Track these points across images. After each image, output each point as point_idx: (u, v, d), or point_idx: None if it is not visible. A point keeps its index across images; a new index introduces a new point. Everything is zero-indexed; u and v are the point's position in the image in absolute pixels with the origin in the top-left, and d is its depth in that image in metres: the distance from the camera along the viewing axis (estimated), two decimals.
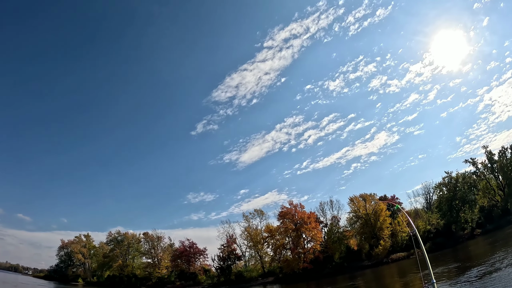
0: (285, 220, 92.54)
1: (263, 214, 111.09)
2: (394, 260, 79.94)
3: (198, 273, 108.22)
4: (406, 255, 79.81)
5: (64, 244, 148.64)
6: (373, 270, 75.89)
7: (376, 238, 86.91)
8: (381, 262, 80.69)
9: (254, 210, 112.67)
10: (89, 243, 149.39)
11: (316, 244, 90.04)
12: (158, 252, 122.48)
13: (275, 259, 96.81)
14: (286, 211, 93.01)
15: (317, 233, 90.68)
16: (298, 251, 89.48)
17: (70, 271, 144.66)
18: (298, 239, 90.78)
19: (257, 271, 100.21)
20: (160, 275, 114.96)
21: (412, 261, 72.54)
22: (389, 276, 59.74)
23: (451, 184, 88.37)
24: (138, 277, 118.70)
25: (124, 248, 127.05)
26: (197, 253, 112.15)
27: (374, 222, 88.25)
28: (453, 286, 30.39)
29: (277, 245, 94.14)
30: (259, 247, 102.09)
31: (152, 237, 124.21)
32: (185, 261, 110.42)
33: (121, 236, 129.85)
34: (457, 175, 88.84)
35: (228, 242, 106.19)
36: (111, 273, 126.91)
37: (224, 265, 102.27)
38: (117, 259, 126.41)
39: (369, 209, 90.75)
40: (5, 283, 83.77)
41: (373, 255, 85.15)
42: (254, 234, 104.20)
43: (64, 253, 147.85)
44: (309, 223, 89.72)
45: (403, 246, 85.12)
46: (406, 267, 64.96)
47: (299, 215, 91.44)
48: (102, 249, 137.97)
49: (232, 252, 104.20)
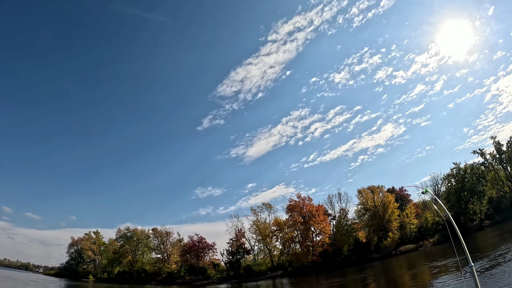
0: (293, 213, 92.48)
1: (271, 207, 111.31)
2: (402, 252, 79.54)
3: (208, 268, 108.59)
4: (415, 247, 79.58)
5: (74, 241, 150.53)
6: (382, 262, 75.59)
7: (385, 230, 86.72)
8: (389, 254, 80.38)
9: (262, 204, 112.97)
10: (99, 240, 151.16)
11: (324, 237, 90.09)
12: (167, 248, 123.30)
13: (284, 253, 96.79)
14: (294, 204, 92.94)
15: (326, 225, 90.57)
16: (307, 244, 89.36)
17: (80, 268, 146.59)
18: (306, 232, 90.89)
19: (266, 265, 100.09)
20: (169, 270, 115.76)
21: (421, 253, 72.75)
22: (398, 268, 59.73)
23: (460, 175, 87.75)
24: (148, 272, 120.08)
25: (133, 244, 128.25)
26: (206, 247, 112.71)
27: (382, 214, 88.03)
28: (461, 277, 30.42)
29: (286, 239, 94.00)
30: (268, 240, 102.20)
31: (161, 233, 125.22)
32: (194, 256, 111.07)
33: (130, 232, 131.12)
34: (466, 166, 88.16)
35: (236, 236, 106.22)
36: (121, 269, 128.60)
37: (233, 259, 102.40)
38: (127, 255, 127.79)
39: (377, 201, 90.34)
40: (16, 281, 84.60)
41: (381, 247, 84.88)
42: (262, 227, 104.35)
43: (74, 250, 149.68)
44: (318, 216, 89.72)
45: (411, 238, 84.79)
46: (415, 259, 64.85)
47: (308, 208, 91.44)
48: (112, 245, 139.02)
49: (241, 246, 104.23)
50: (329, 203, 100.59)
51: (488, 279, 26.59)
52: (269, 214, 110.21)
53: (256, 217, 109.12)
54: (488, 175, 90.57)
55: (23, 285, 73.81)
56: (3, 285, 65.58)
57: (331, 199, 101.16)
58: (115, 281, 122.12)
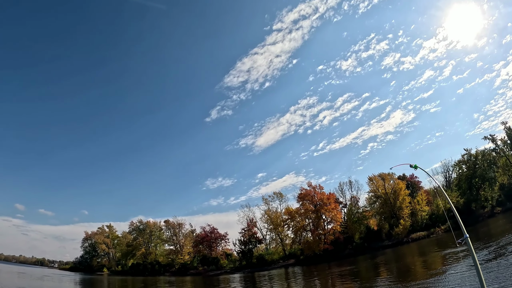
0: (304, 202, 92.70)
1: (282, 196, 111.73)
2: (414, 239, 79.55)
3: (220, 258, 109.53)
4: (426, 234, 79.63)
5: (87, 236, 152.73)
6: (393, 249, 75.46)
7: (396, 217, 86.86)
8: (401, 242, 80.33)
9: (273, 193, 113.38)
10: (112, 233, 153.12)
11: (336, 225, 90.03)
12: (180, 239, 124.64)
13: (296, 241, 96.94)
14: (305, 193, 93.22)
15: (337, 213, 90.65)
16: (318, 232, 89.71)
17: (95, 261, 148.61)
18: (318, 220, 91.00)
19: (278, 254, 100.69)
20: (182, 261, 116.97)
21: (433, 240, 72.81)
22: (409, 255, 59.90)
23: (471, 161, 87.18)
24: (161, 264, 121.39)
25: (146, 236, 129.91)
26: (218, 238, 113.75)
27: (393, 202, 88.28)
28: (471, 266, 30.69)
29: (298, 227, 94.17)
30: (280, 229, 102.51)
31: (173, 224, 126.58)
32: (207, 246, 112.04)
33: (143, 224, 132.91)
34: (477, 152, 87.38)
35: (248, 226, 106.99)
36: (135, 261, 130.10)
37: (246, 249, 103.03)
38: (140, 247, 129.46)
39: (388, 189, 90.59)
40: (31, 277, 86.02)
41: (393, 234, 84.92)
42: (274, 217, 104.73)
43: (88, 244, 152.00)
44: (329, 204, 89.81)
45: (423, 226, 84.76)
46: (426, 246, 64.73)
47: (319, 196, 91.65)
48: (125, 238, 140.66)
49: (253, 235, 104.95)
50: (340, 191, 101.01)
51: (497, 267, 26.62)
52: (280, 203, 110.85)
53: (267, 206, 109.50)
54: (499, 161, 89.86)
55: (38, 280, 74.86)
56: (19, 281, 66.56)
57: (342, 187, 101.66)
58: (129, 273, 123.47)
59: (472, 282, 24.29)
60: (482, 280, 7.81)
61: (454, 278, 27.31)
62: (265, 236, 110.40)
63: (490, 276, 24.25)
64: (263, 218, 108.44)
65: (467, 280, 25.21)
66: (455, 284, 25.04)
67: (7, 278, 73.80)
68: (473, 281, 24.48)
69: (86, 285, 75.64)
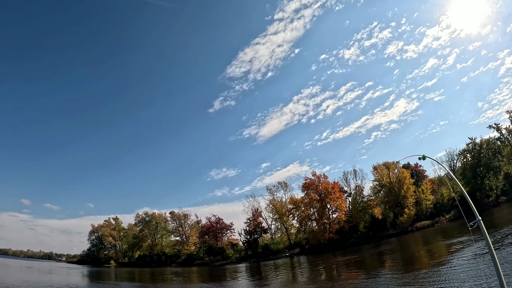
0: (309, 191, 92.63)
1: (287, 186, 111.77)
2: (418, 228, 79.68)
3: (226, 248, 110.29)
4: (431, 224, 79.66)
5: (94, 229, 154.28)
6: (398, 238, 75.72)
7: (401, 206, 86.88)
8: (405, 231, 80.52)
9: (278, 183, 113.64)
10: (118, 226, 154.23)
11: (341, 214, 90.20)
12: (186, 230, 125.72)
13: (301, 231, 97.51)
14: (310, 182, 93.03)
15: (342, 203, 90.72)
16: (323, 221, 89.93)
17: (102, 254, 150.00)
18: (323, 209, 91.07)
19: (283, 243, 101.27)
20: (188, 251, 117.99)
21: (437, 229, 72.86)
22: (414, 244, 60.13)
23: (475, 150, 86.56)
24: (168, 255, 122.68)
25: (152, 228, 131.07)
26: (224, 228, 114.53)
27: (398, 191, 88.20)
28: (479, 256, 30.85)
29: (302, 217, 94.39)
30: (285, 219, 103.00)
31: (178, 216, 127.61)
32: (213, 237, 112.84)
33: (148, 216, 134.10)
34: (481, 141, 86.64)
35: (253, 216, 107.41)
36: (141, 252, 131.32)
37: (251, 238, 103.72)
38: (146, 239, 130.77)
39: (392, 178, 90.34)
40: (39, 271, 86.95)
41: (397, 223, 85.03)
42: (279, 206, 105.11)
43: (95, 237, 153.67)
44: (333, 193, 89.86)
45: (427, 215, 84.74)
46: (431, 235, 64.84)
47: (323, 186, 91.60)
48: (131, 230, 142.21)
49: (258, 225, 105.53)
50: (345, 180, 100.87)
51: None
52: (285, 192, 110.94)
53: (272, 196, 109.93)
54: (504, 150, 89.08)
55: (46, 274, 75.56)
56: (27, 275, 67.34)
57: (346, 176, 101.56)
58: (136, 265, 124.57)
59: (476, 270, 24.40)
60: (497, 262, 7.98)
61: (458, 267, 27.44)
62: (270, 226, 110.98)
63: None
64: (268, 207, 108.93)
65: (472, 269, 25.32)
66: (460, 273, 25.16)
67: (16, 272, 74.73)
68: (478, 269, 24.64)
69: (94, 277, 76.31)
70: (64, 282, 56.20)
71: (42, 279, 59.47)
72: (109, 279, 74.30)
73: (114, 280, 69.55)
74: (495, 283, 18.92)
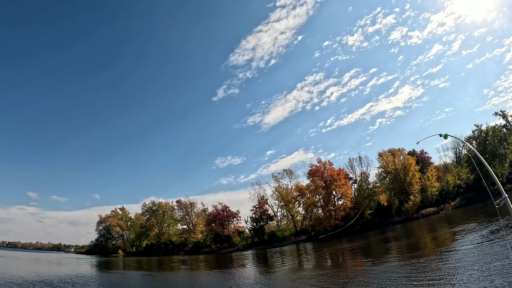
0: (314, 178, 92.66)
1: (292, 173, 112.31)
2: (424, 215, 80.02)
3: (232, 235, 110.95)
4: (436, 211, 79.92)
5: (101, 219, 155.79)
6: (403, 225, 75.95)
7: (406, 193, 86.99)
8: (411, 218, 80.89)
9: (283, 170, 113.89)
10: (125, 215, 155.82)
11: (346, 201, 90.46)
12: (192, 218, 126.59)
13: (307, 218, 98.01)
14: (315, 169, 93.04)
15: (347, 189, 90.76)
16: (329, 208, 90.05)
17: (110, 244, 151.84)
18: (328, 196, 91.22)
19: (289, 230, 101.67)
20: (195, 239, 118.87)
21: (442, 216, 73.01)
22: (419, 231, 60.34)
23: (481, 137, 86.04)
24: (175, 243, 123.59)
25: (159, 217, 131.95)
26: (230, 216, 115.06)
27: (403, 177, 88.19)
28: (486, 244, 30.83)
29: (308, 204, 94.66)
30: (290, 206, 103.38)
31: (185, 204, 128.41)
32: (219, 225, 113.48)
33: (155, 205, 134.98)
34: (487, 128, 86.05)
35: (259, 203, 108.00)
36: (148, 242, 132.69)
37: (257, 226, 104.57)
38: (154, 228, 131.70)
39: (398, 164, 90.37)
40: (48, 262, 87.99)
41: (403, 210, 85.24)
42: (284, 193, 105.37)
43: (102, 228, 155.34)
44: (339, 180, 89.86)
45: (432, 202, 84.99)
46: (436, 222, 64.89)
47: (329, 173, 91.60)
48: (138, 219, 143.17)
49: (264, 213, 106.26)
50: (350, 167, 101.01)
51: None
52: (290, 180, 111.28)
53: (277, 183, 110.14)
54: (510, 138, 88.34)
55: (56, 265, 76.37)
56: (36, 267, 68.06)
57: (352, 163, 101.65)
58: (144, 254, 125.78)
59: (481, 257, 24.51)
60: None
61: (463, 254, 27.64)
62: (276, 213, 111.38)
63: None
64: (273, 195, 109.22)
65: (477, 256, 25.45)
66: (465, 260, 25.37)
67: (25, 265, 75.67)
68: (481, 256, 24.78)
69: (102, 267, 77.28)
70: (73, 272, 57.09)
71: (51, 270, 60.28)
72: (117, 268, 75.25)
73: (122, 269, 70.46)
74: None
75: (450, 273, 22.12)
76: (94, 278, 46.65)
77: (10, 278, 40.75)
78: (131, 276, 53.98)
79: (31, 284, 37.26)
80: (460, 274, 21.15)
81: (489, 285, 17.62)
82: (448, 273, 22.22)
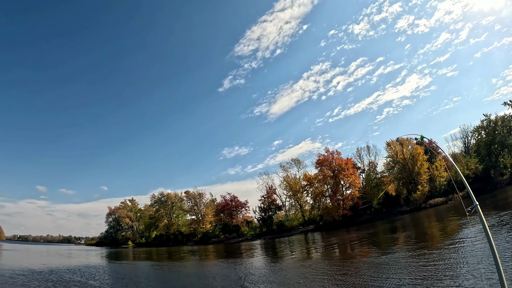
0: (322, 168, 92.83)
1: (300, 163, 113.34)
2: (432, 205, 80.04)
3: (241, 225, 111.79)
4: (444, 201, 79.98)
5: (111, 211, 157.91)
6: (411, 215, 75.89)
7: (414, 183, 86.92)
8: (419, 208, 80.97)
9: (291, 160, 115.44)
10: (135, 207, 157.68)
11: (354, 190, 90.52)
12: (201, 208, 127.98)
13: (315, 207, 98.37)
14: (323, 159, 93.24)
15: (355, 179, 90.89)
16: (337, 198, 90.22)
17: (119, 235, 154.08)
18: (336, 186, 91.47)
19: (297, 220, 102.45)
20: (204, 230, 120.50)
21: (451, 206, 72.87)
22: (427, 221, 60.20)
23: (490, 127, 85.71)
24: (184, 234, 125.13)
25: (168, 208, 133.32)
26: (239, 206, 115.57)
27: (411, 167, 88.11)
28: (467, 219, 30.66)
29: (316, 193, 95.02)
30: (299, 196, 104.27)
31: (194, 195, 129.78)
32: (228, 215, 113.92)
33: (164, 196, 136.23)
34: (496, 118, 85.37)
35: (268, 193, 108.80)
36: (158, 232, 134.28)
37: (266, 215, 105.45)
38: (163, 218, 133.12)
39: (406, 154, 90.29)
40: (59, 255, 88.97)
41: (411, 200, 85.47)
42: (292, 183, 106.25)
43: (112, 219, 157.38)
44: (347, 169, 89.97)
45: (441, 192, 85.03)
46: (444, 212, 64.68)
47: (337, 162, 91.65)
48: (147, 211, 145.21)
49: (272, 202, 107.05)
50: (358, 156, 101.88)
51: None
52: (298, 169, 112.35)
53: (285, 173, 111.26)
54: None
55: (66, 258, 77.12)
56: (47, 259, 68.46)
57: (359, 152, 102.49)
58: (153, 244, 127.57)
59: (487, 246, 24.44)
60: (493, 246, 8.38)
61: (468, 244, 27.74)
62: (285, 203, 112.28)
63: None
64: (282, 185, 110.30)
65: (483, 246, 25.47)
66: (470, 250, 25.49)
67: (36, 257, 76.64)
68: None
69: (112, 258, 78.14)
70: (82, 263, 57.85)
71: (61, 262, 60.99)
72: (126, 259, 76.08)
73: (132, 260, 71.15)
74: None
75: (457, 262, 22.23)
76: (103, 269, 47.28)
77: (19, 271, 41.37)
78: (140, 267, 54.64)
79: (40, 275, 37.88)
80: (468, 264, 21.24)
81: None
82: (456, 262, 22.33)
